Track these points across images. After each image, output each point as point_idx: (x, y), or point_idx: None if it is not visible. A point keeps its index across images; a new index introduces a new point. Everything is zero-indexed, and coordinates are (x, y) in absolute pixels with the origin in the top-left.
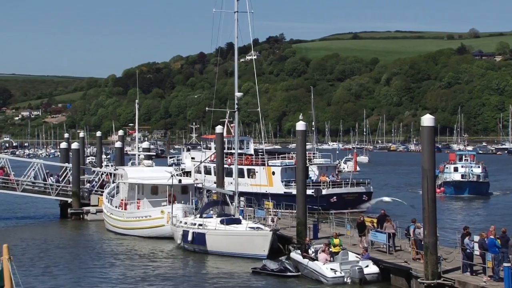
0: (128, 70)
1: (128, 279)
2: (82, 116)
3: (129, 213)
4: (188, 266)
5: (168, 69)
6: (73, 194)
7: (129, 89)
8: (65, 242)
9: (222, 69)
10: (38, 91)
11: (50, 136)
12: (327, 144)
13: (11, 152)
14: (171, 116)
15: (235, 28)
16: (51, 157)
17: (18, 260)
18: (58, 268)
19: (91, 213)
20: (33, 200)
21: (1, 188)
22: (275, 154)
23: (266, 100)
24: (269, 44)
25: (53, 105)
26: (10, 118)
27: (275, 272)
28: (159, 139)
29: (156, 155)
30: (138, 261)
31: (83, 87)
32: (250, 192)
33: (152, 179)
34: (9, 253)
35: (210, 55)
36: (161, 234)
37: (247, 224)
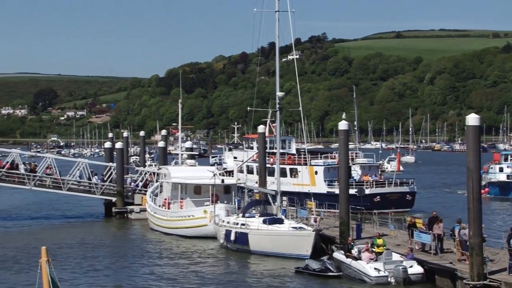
0: (171, 70)
1: (171, 278)
2: (126, 116)
3: (172, 212)
4: (230, 266)
5: (210, 69)
6: (117, 193)
7: (172, 89)
8: (109, 241)
9: (264, 68)
10: (83, 91)
11: (95, 136)
12: (369, 144)
13: (57, 151)
14: (213, 116)
15: (276, 27)
16: (96, 156)
17: (62, 259)
18: (101, 267)
19: (135, 212)
20: (78, 199)
21: (47, 187)
22: (318, 154)
23: (308, 99)
24: (311, 43)
25: (97, 105)
26: (56, 118)
27: (317, 272)
28: (201, 139)
29: (199, 154)
30: (181, 261)
31: (127, 87)
32: (292, 192)
33: (195, 179)
34: (47, 255)
35: (252, 54)
36: (204, 234)
37: (290, 224)
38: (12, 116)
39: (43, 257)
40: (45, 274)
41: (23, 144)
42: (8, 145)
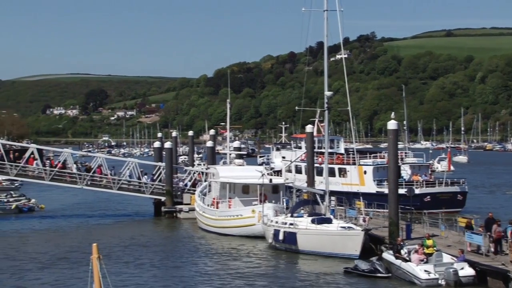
0: (219, 70)
1: (219, 277)
2: (174, 115)
3: (220, 211)
4: (279, 265)
5: (258, 68)
6: (166, 192)
7: (220, 89)
8: (158, 240)
9: (312, 68)
10: (133, 91)
11: (144, 136)
12: (419, 143)
13: (107, 151)
14: (261, 116)
15: (325, 27)
16: (145, 156)
17: (111, 257)
18: (150, 266)
19: (184, 212)
20: (128, 198)
21: (98, 187)
22: (367, 153)
23: (356, 99)
24: (360, 42)
25: (147, 105)
26: (106, 118)
27: (366, 273)
28: (249, 138)
29: (247, 154)
30: (229, 260)
31: (175, 87)
32: (341, 191)
33: (243, 178)
34: (98, 252)
35: (300, 54)
36: (252, 233)
37: (338, 223)
38: (64, 116)
39: (94, 254)
40: (96, 270)
41: (74, 144)
42: (60, 144)
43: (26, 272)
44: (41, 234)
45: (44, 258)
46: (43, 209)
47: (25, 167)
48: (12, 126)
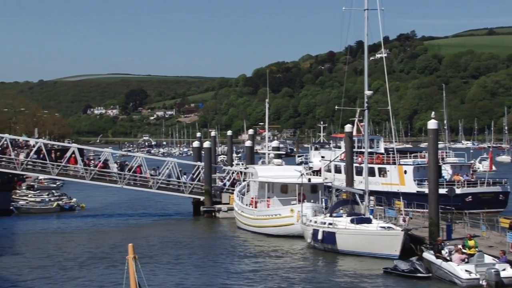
0: (258, 70)
1: (257, 277)
2: (213, 115)
3: (259, 211)
4: (318, 265)
5: (297, 68)
6: (205, 192)
7: (259, 89)
8: (197, 239)
9: (352, 67)
10: (172, 91)
11: (183, 135)
12: (460, 143)
13: (146, 151)
14: (300, 115)
15: (365, 26)
16: (184, 155)
17: (149, 256)
18: (188, 265)
19: (223, 211)
20: (168, 197)
21: (137, 186)
22: (407, 153)
23: (396, 98)
24: (400, 41)
25: (186, 105)
26: (146, 118)
27: (405, 273)
28: (288, 138)
29: (286, 154)
30: (268, 260)
31: (214, 87)
32: (380, 191)
33: (282, 178)
34: (134, 252)
35: (340, 53)
36: (291, 233)
37: (378, 223)
38: (105, 116)
39: (130, 254)
40: (132, 270)
41: (114, 144)
42: (101, 144)
43: (64, 271)
44: (81, 233)
45: (83, 257)
46: (83, 208)
47: (66, 166)
48: (53, 126)
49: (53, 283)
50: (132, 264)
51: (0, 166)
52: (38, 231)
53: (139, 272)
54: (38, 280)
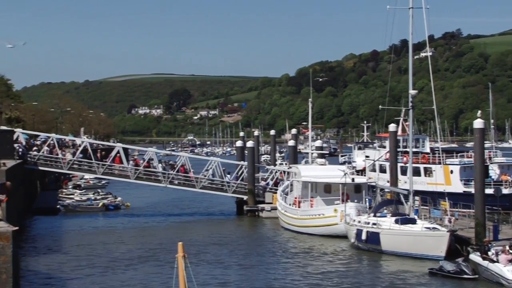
0: (301, 69)
1: (301, 276)
2: (256, 115)
3: (302, 211)
4: (362, 265)
5: (340, 67)
6: (248, 191)
7: (302, 88)
8: (240, 238)
9: (396, 66)
10: (215, 91)
11: (226, 135)
12: (507, 143)
13: (190, 150)
14: (343, 115)
15: (410, 24)
16: (227, 155)
17: (193, 256)
18: (232, 264)
19: (266, 211)
20: (211, 197)
21: (181, 185)
22: (453, 153)
23: (441, 97)
24: (445, 40)
25: (229, 104)
26: (190, 117)
27: (451, 274)
28: (331, 138)
29: (329, 153)
30: (312, 259)
31: (257, 86)
32: (425, 191)
33: (325, 178)
34: (184, 251)
35: (384, 52)
36: (334, 233)
37: (423, 224)
38: (149, 116)
39: (180, 253)
40: (181, 269)
41: (158, 143)
42: (145, 144)
43: (111, 270)
44: (127, 232)
45: (129, 255)
46: (128, 207)
47: (112, 165)
48: (99, 126)
49: (99, 282)
50: (182, 263)
51: (47, 166)
52: (84, 230)
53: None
54: (84, 278)
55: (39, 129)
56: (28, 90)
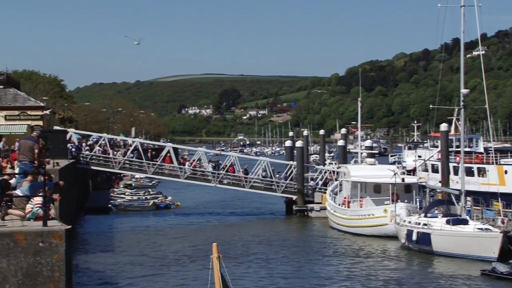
0: (351, 68)
1: (350, 277)
2: (306, 114)
3: (352, 211)
4: (412, 266)
5: (391, 66)
6: (297, 191)
7: (352, 88)
8: (289, 238)
9: (448, 65)
10: (265, 91)
11: (276, 135)
12: None
13: (239, 150)
14: (393, 114)
15: (462, 23)
16: (276, 155)
17: (241, 255)
18: (279, 264)
19: (315, 210)
20: (260, 196)
21: (230, 185)
22: (507, 153)
23: (494, 96)
24: (498, 38)
25: (278, 104)
26: (239, 117)
27: (504, 275)
28: (381, 137)
29: (379, 153)
30: (361, 260)
31: (307, 86)
32: (477, 192)
33: (375, 178)
34: (218, 252)
35: (435, 51)
36: (384, 233)
37: (475, 224)
38: (198, 116)
39: (214, 254)
40: (216, 270)
41: (208, 143)
42: (195, 144)
43: (161, 269)
44: (177, 231)
45: (178, 254)
46: (178, 207)
47: (162, 165)
48: (149, 126)
49: (149, 280)
50: (216, 263)
51: (99, 165)
52: (135, 229)
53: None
54: (135, 277)
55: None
56: (80, 91)
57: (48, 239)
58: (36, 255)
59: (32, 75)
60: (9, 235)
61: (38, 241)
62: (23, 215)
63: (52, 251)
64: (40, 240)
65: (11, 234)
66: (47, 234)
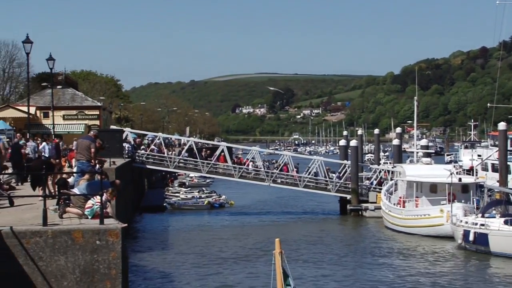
0: (406, 67)
1: (404, 277)
2: (360, 113)
3: (407, 211)
4: (469, 267)
5: (447, 65)
6: (352, 190)
7: (407, 86)
8: (342, 238)
9: (506, 63)
10: (319, 90)
11: (329, 134)
12: None
13: (293, 149)
14: (450, 113)
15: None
16: (330, 154)
17: (294, 254)
18: (331, 264)
19: (370, 210)
20: (314, 196)
21: (284, 184)
22: None
23: None
24: None
25: (332, 103)
26: (293, 116)
27: None
28: (437, 136)
29: (435, 152)
30: (416, 260)
31: (361, 85)
32: None
33: (431, 177)
34: (281, 247)
35: (493, 49)
36: (440, 233)
37: None
38: (252, 115)
39: (277, 249)
40: (278, 265)
41: (262, 142)
42: (249, 143)
43: (215, 267)
44: (231, 230)
45: (232, 253)
46: (232, 205)
47: (216, 164)
48: (204, 125)
49: (203, 279)
50: (279, 259)
51: (154, 164)
52: (190, 227)
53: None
54: (189, 275)
55: (147, 128)
56: (136, 90)
57: (105, 237)
58: (93, 252)
59: (89, 75)
60: (67, 233)
61: (95, 239)
62: (81, 213)
63: (109, 249)
64: (97, 238)
65: (69, 232)
66: (104, 232)
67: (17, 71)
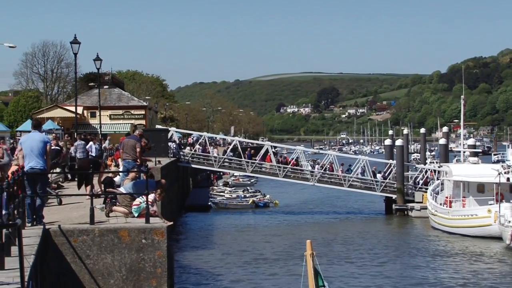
0: (453, 65)
1: (451, 277)
2: (406, 113)
3: (454, 211)
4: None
5: (495, 63)
6: (397, 190)
7: (454, 85)
8: (387, 238)
9: None
10: (364, 89)
11: (375, 133)
12: None
13: (338, 148)
14: (498, 112)
15: None
16: (375, 153)
17: (340, 253)
18: (376, 264)
19: (415, 210)
20: (359, 195)
21: (329, 184)
22: None
23: None
24: None
25: (378, 102)
26: (338, 115)
27: None
28: (485, 136)
29: (482, 152)
30: (463, 261)
31: (407, 84)
32: None
33: (478, 177)
34: (312, 249)
35: None
36: (488, 234)
37: None
38: (297, 114)
39: (308, 251)
40: (310, 267)
41: (306, 142)
42: (293, 142)
43: (258, 266)
44: (276, 229)
45: (276, 252)
46: (277, 205)
47: (261, 163)
48: (248, 124)
49: (246, 279)
50: (310, 261)
51: (199, 163)
52: (235, 227)
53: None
54: (232, 274)
55: (192, 128)
56: (181, 90)
57: (151, 236)
58: (139, 251)
59: (135, 75)
60: (114, 232)
61: (141, 238)
62: (127, 212)
63: (155, 247)
64: (143, 237)
65: (115, 230)
66: (150, 231)
67: (65, 71)
